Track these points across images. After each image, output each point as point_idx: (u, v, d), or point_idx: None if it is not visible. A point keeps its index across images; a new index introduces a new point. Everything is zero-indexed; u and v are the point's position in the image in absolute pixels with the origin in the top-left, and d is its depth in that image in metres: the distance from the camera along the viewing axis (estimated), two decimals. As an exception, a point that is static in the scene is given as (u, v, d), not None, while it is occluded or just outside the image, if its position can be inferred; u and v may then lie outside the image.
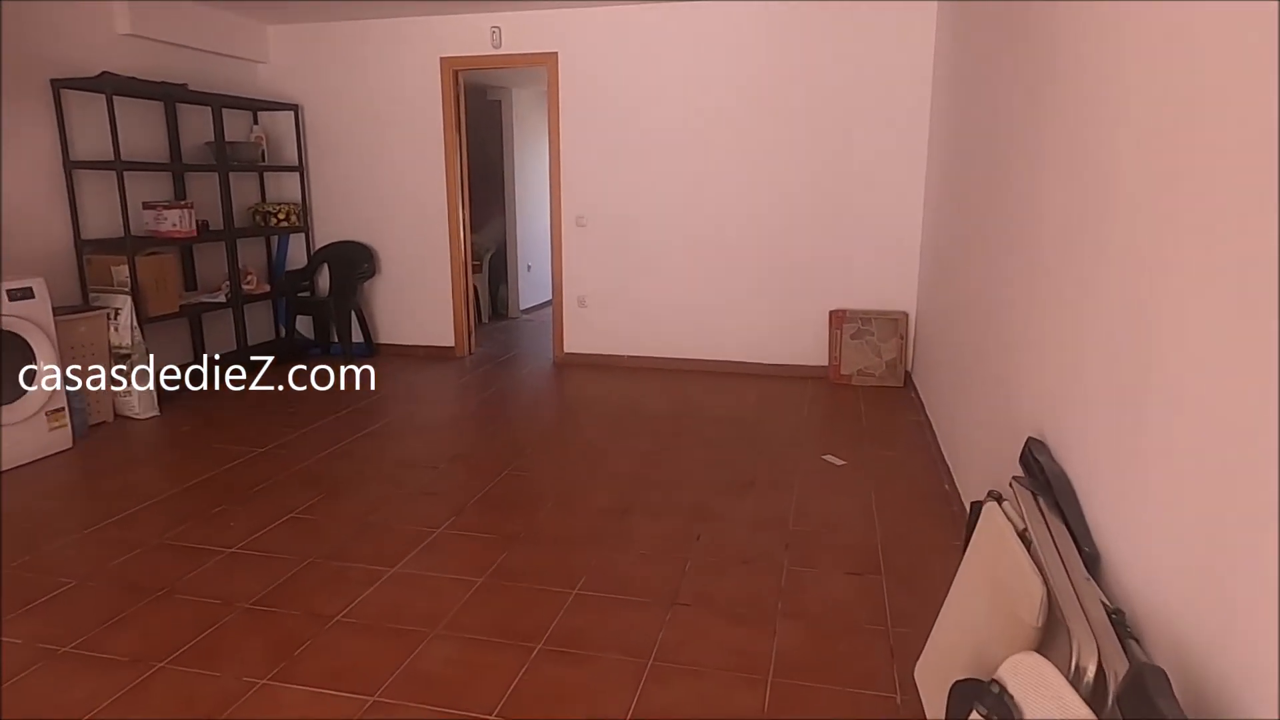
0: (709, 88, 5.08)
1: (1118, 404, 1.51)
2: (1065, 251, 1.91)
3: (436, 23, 5.40)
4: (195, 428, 4.20)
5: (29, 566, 2.68)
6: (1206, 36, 1.25)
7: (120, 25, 4.58)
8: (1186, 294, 1.25)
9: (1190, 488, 1.20)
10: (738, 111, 5.06)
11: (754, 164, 5.10)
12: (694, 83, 5.09)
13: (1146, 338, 1.39)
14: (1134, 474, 1.41)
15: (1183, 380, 1.25)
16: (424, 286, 5.82)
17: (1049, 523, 1.61)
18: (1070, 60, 1.98)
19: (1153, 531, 1.32)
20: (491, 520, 3.05)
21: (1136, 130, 1.51)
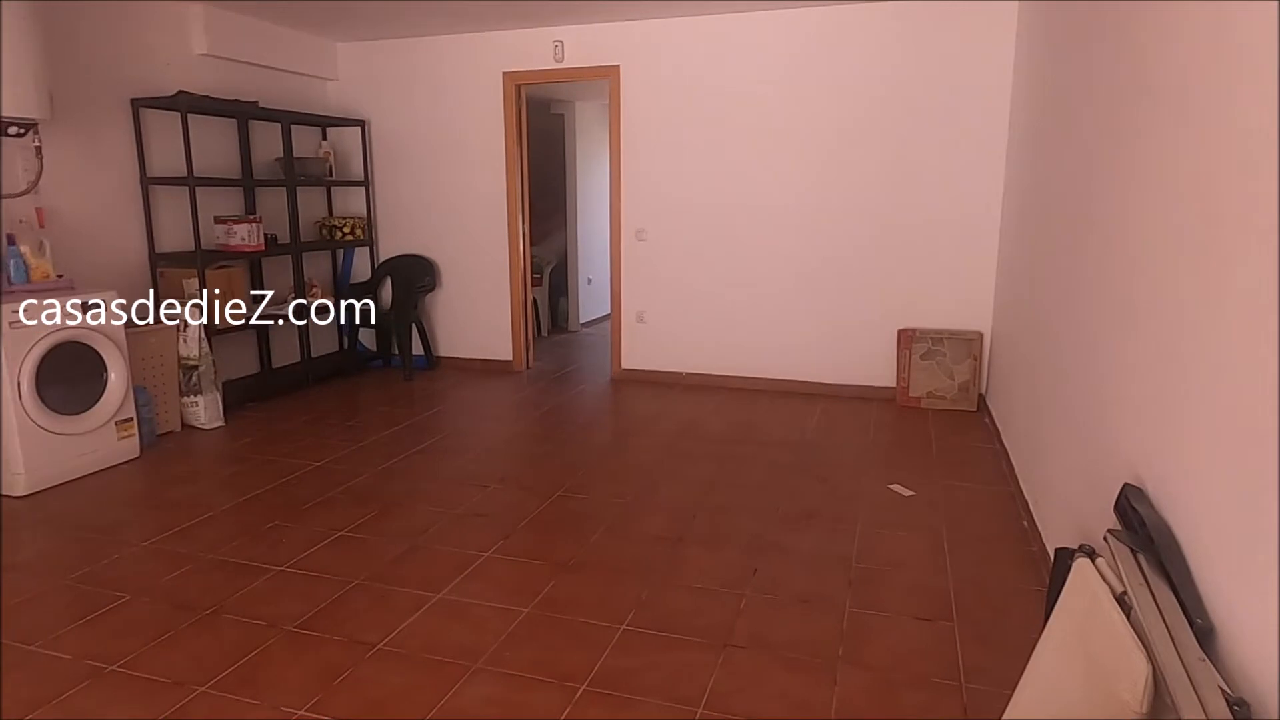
0: (772, 99, 4.94)
1: (1238, 447, 1.32)
2: (1173, 269, 1.71)
3: (500, 37, 5.40)
4: (256, 440, 4.25)
5: (88, 579, 2.71)
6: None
7: (197, 46, 4.71)
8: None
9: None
10: (802, 122, 4.90)
11: (819, 176, 4.93)
12: (757, 94, 4.96)
13: (1275, 370, 1.20)
14: (1260, 533, 1.22)
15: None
16: (483, 300, 5.82)
17: (1152, 587, 1.42)
18: (1170, 68, 1.79)
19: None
20: (540, 545, 2.96)
21: (1247, 140, 1.32)
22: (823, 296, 5.04)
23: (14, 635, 2.35)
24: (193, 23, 4.67)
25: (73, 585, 2.67)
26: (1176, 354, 1.63)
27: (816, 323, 5.09)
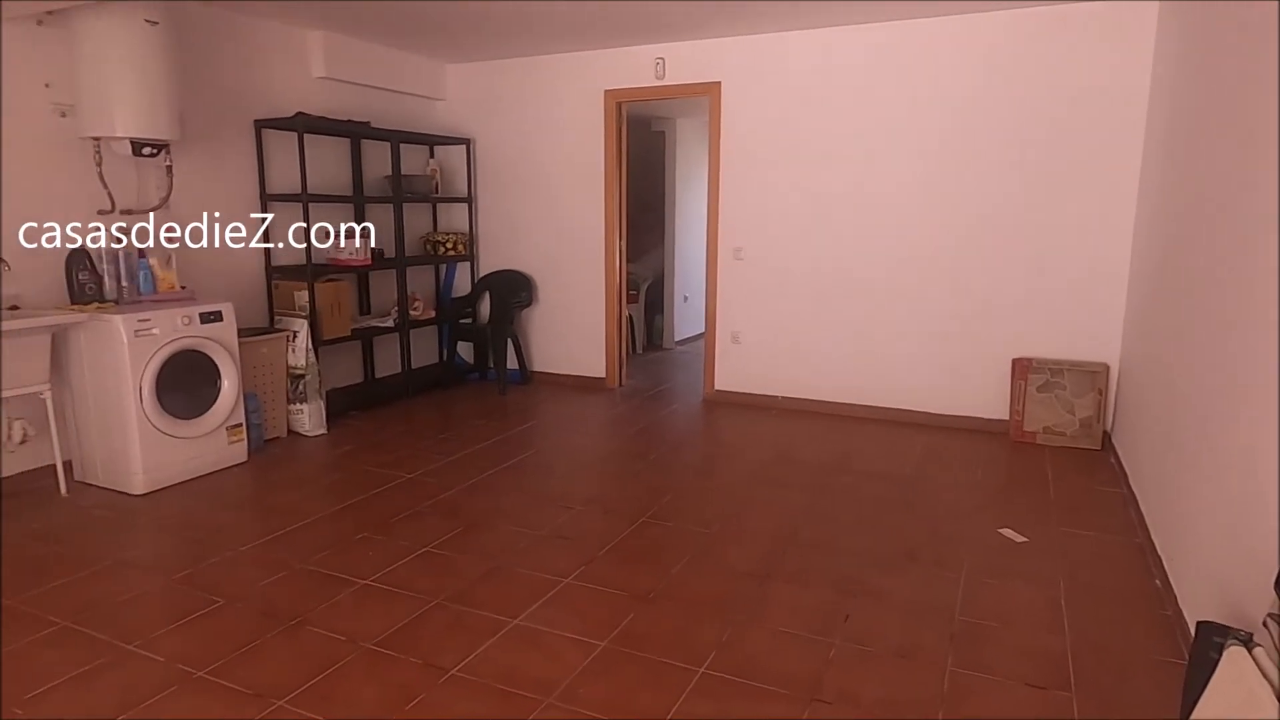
0: (878, 115, 4.72)
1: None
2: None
3: (602, 56, 5.42)
4: (355, 448, 4.37)
5: (188, 581, 2.81)
6: None
7: (316, 70, 4.94)
8: None
9: None
10: (910, 138, 4.66)
11: (927, 193, 4.67)
12: (862, 109, 4.76)
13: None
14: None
15: None
16: (578, 316, 5.83)
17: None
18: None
19: None
20: (622, 573, 2.87)
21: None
22: (931, 320, 4.77)
23: (116, 633, 2.45)
24: (313, 48, 4.90)
25: (175, 585, 2.78)
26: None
27: (923, 348, 4.81)
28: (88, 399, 3.68)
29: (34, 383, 3.48)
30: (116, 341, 3.52)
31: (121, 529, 3.29)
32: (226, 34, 4.41)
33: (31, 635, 2.44)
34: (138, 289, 3.85)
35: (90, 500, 3.59)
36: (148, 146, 3.85)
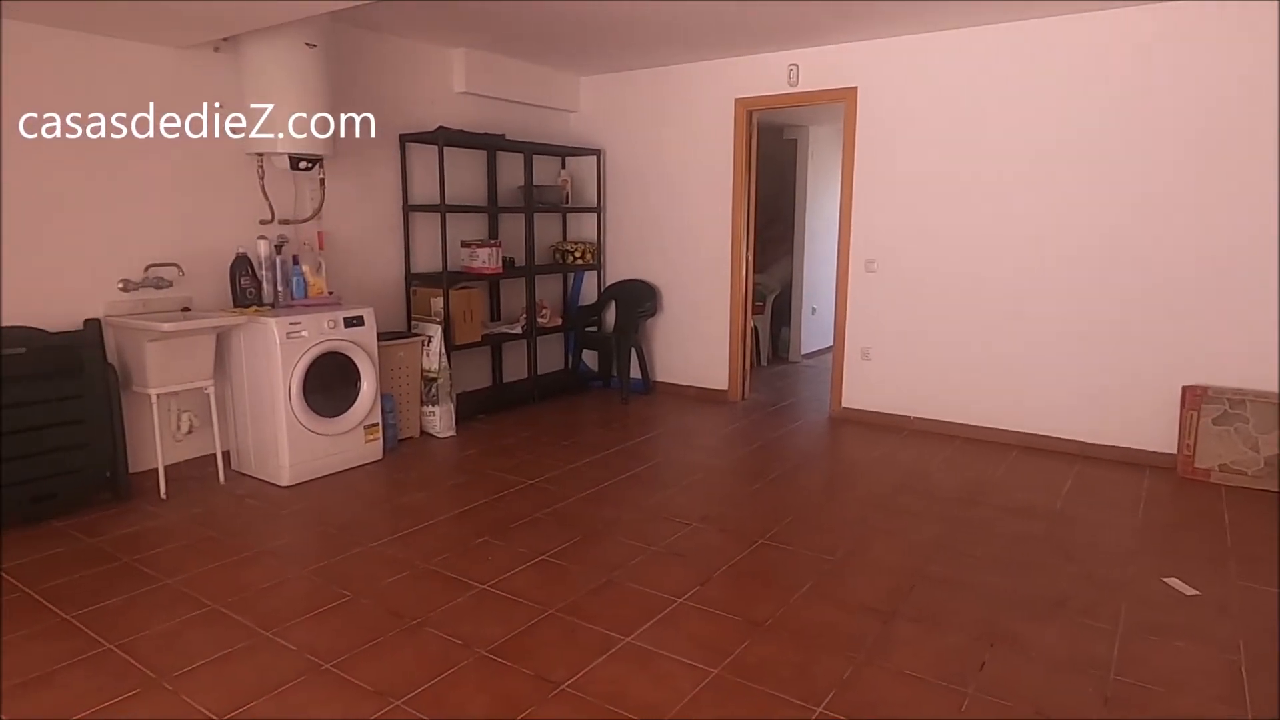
0: (1025, 120, 4.38)
1: None
2: None
3: (733, 64, 5.34)
4: (481, 451, 4.49)
5: (321, 573, 2.96)
6: None
7: (457, 85, 5.14)
8: None
9: None
10: (1062, 144, 4.29)
11: (1079, 199, 4.29)
12: (1007, 115, 4.43)
13: None
14: None
15: None
16: (702, 327, 5.76)
17: None
18: None
19: None
20: (738, 598, 2.78)
21: None
22: (1085, 340, 4.37)
23: (256, 619, 2.60)
24: (455, 64, 5.11)
25: (309, 577, 2.93)
26: None
27: (1075, 371, 4.41)
28: (244, 395, 3.97)
29: (199, 378, 3.79)
30: (270, 342, 3.78)
31: (268, 518, 3.52)
32: (376, 54, 4.67)
33: (186, 615, 2.64)
34: (291, 294, 4.12)
35: (244, 489, 3.87)
36: (304, 161, 4.12)
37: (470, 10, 4.15)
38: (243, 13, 3.23)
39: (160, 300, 3.84)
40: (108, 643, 2.45)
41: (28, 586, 2.83)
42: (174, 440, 3.90)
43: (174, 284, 3.87)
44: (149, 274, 3.79)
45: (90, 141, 3.57)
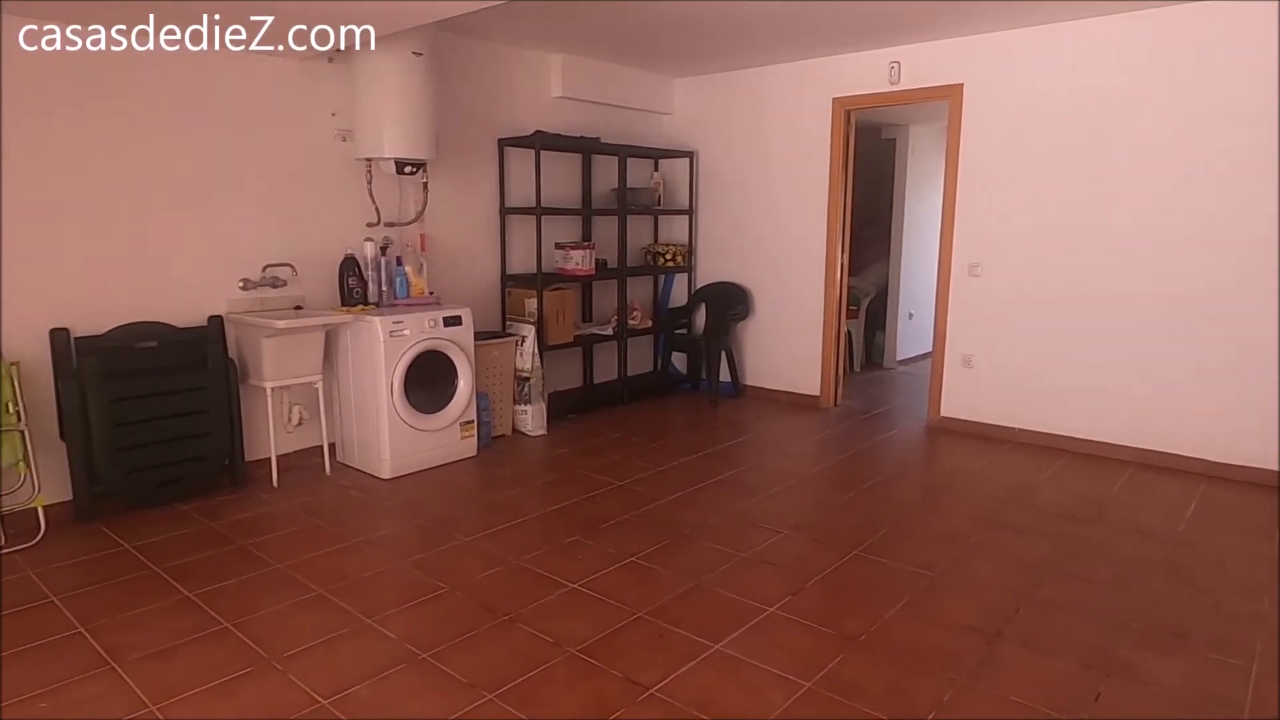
0: (1143, 118, 4.10)
1: None
2: None
3: (831, 63, 5.23)
4: (571, 451, 4.55)
5: (419, 565, 3.06)
6: None
7: (554, 90, 5.23)
8: None
9: None
10: (1185, 143, 4.00)
11: (1210, 201, 3.98)
12: (1125, 112, 4.16)
13: None
14: None
15: None
16: (794, 331, 5.66)
17: None
18: None
19: None
20: (831, 610, 2.70)
21: None
22: (1209, 350, 4.05)
23: (359, 606, 2.71)
24: (553, 70, 5.19)
25: (408, 568, 3.03)
26: None
27: (1198, 382, 4.10)
28: (350, 390, 4.15)
29: (309, 373, 3.98)
30: (375, 340, 3.93)
31: (369, 509, 3.67)
32: (478, 61, 4.80)
33: (295, 598, 2.77)
34: (394, 294, 4.28)
35: (348, 480, 4.04)
36: (409, 165, 4.27)
37: (570, 16, 4.21)
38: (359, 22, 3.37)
39: (275, 299, 4.05)
40: (225, 621, 2.60)
41: (155, 564, 3.03)
42: (285, 431, 4.11)
43: (288, 283, 4.08)
44: (266, 274, 4.01)
45: (216, 150, 3.81)
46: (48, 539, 3.24)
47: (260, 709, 2.14)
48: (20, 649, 2.44)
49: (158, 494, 3.60)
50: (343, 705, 2.16)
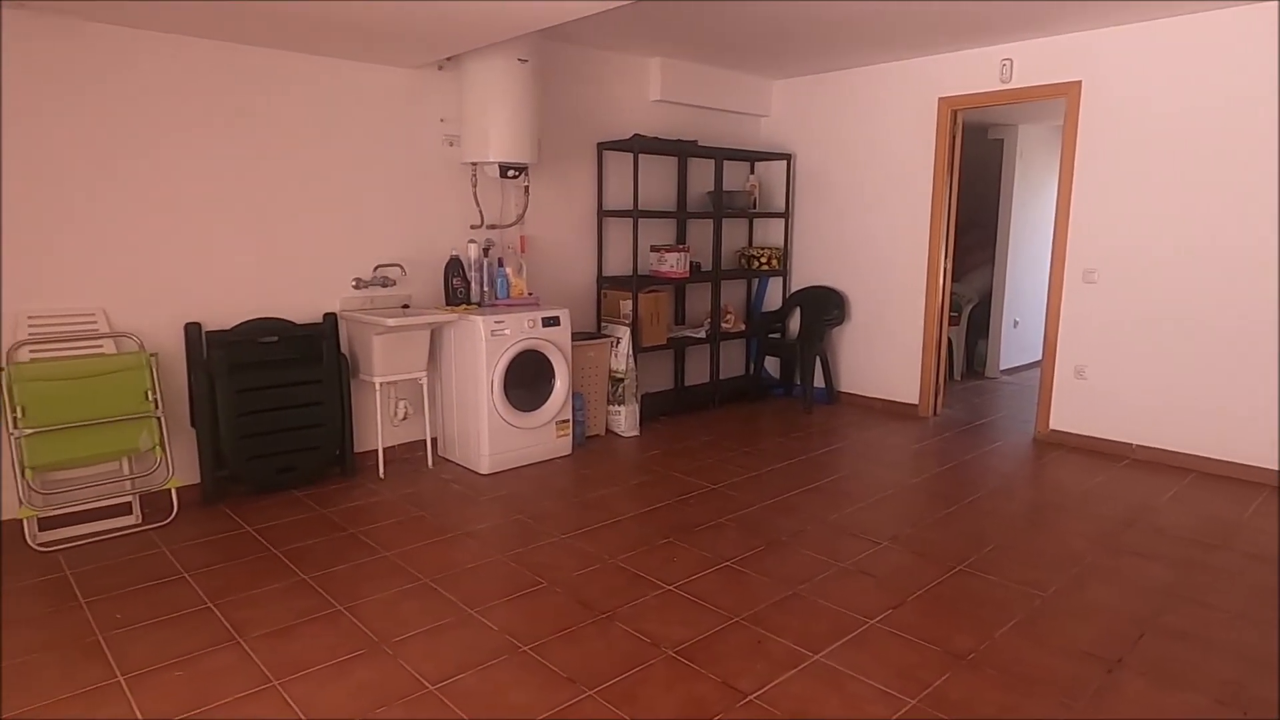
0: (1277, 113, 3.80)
1: None
2: None
3: (938, 61, 5.07)
4: (663, 453, 4.56)
5: (518, 559, 3.13)
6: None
7: (652, 93, 5.26)
8: None
9: None
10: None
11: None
12: (1260, 111, 3.85)
13: None
14: None
15: None
16: (892, 337, 5.51)
17: None
18: None
19: None
20: (935, 626, 2.62)
21: None
22: (1365, 369, 3.72)
23: (462, 596, 2.79)
24: (652, 73, 5.23)
25: (507, 562, 3.10)
26: None
27: (1351, 403, 3.78)
28: (452, 387, 4.28)
29: (415, 370, 4.13)
30: (477, 339, 4.05)
31: (469, 503, 3.77)
32: (578, 66, 4.88)
33: (402, 586, 2.88)
34: (495, 294, 4.39)
35: (448, 474, 4.17)
36: (512, 169, 4.38)
37: (671, 19, 4.23)
38: (467, 32, 3.48)
39: (384, 297, 4.22)
40: (338, 604, 2.73)
41: (274, 547, 3.21)
42: (391, 425, 4.28)
43: (397, 283, 4.25)
44: (376, 274, 4.19)
45: (335, 157, 4.00)
46: (179, 518, 3.48)
47: (373, 690, 2.24)
48: (158, 620, 2.62)
49: (275, 480, 3.81)
50: (449, 691, 2.23)
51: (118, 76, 3.36)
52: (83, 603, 2.74)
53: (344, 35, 3.48)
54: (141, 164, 3.46)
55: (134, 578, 2.94)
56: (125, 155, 3.41)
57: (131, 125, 3.41)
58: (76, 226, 3.33)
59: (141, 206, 3.48)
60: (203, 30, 3.43)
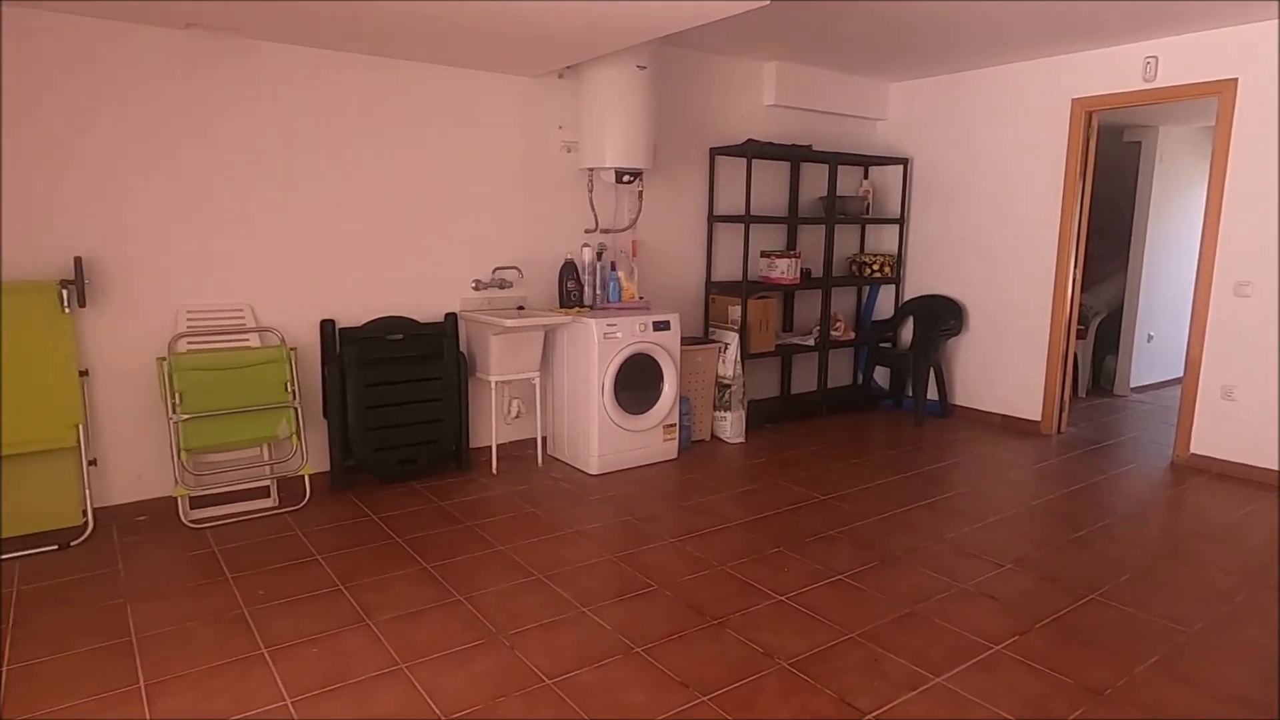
0: None
1: None
2: None
3: (1073, 60, 4.81)
4: (769, 461, 4.51)
5: (628, 560, 3.16)
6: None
7: (767, 98, 5.22)
8: None
9: None
10: None
11: None
12: None
13: None
14: None
15: None
16: (1013, 350, 5.26)
17: None
18: None
19: None
20: (1066, 657, 2.48)
21: None
22: None
23: (575, 593, 2.85)
24: (766, 78, 5.19)
25: (617, 562, 3.14)
26: None
27: None
28: (563, 387, 4.37)
29: (528, 370, 4.24)
30: (589, 341, 4.12)
31: (579, 502, 3.84)
32: (693, 71, 4.89)
33: (517, 580, 2.96)
34: (607, 297, 4.46)
35: (557, 473, 4.26)
36: (627, 175, 4.44)
37: (790, 23, 4.18)
38: (597, 39, 3.55)
39: (501, 298, 4.36)
40: (458, 594, 2.83)
41: (397, 535, 3.37)
42: (505, 423, 4.41)
43: (514, 285, 4.38)
44: (495, 275, 4.33)
45: (460, 162, 4.16)
46: (311, 503, 3.70)
47: (493, 679, 2.31)
48: (295, 598, 2.79)
49: (396, 471, 3.99)
50: (565, 686, 2.27)
51: (272, 94, 3.60)
52: (229, 577, 2.95)
53: (476, 46, 3.62)
54: (283, 175, 3.69)
55: (273, 557, 3.14)
56: (271, 167, 3.66)
57: (276, 140, 3.65)
58: (230, 231, 3.60)
59: (284, 213, 3.72)
60: (340, 44, 3.63)
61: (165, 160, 3.41)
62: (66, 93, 3.19)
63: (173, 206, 3.45)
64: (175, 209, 3.46)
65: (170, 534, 3.35)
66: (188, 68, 3.41)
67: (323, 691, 2.24)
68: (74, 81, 3.20)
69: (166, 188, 3.43)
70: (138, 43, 3.30)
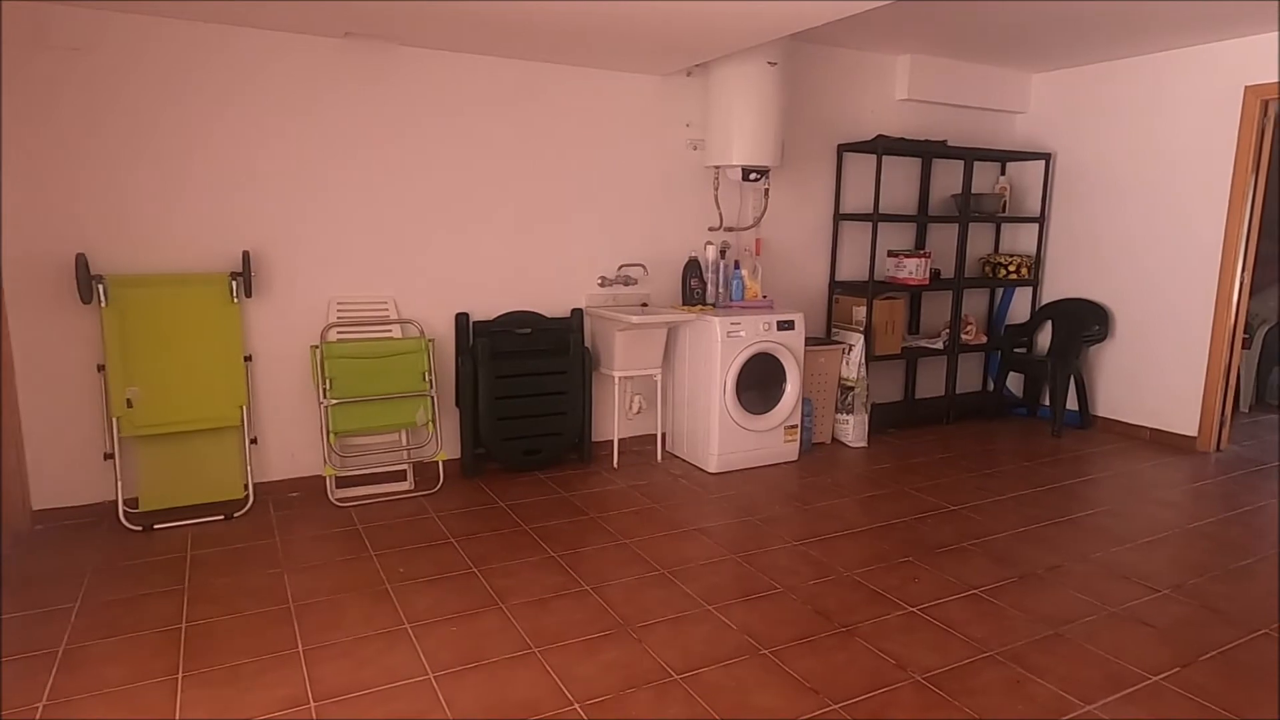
0: None
1: None
2: None
3: (1247, 45, 4.40)
4: (893, 468, 4.37)
5: (751, 561, 3.14)
6: None
7: (899, 92, 5.05)
8: None
9: None
10: None
11: None
12: None
13: None
14: None
15: None
16: (1166, 359, 4.88)
17: None
18: None
19: None
20: (1236, 694, 2.28)
21: None
22: None
23: (699, 591, 2.85)
24: (899, 72, 5.02)
25: (740, 562, 3.12)
26: None
27: None
28: (684, 385, 4.39)
29: (650, 366, 4.28)
30: (712, 339, 4.11)
31: (698, 500, 3.84)
32: (822, 66, 4.79)
33: (641, 574, 3.00)
34: (730, 296, 4.44)
35: (676, 470, 4.28)
36: (754, 172, 4.40)
37: (927, 15, 4.03)
38: (729, 37, 3.53)
39: (626, 295, 4.42)
40: (585, 584, 2.89)
41: (525, 523, 3.48)
42: (626, 418, 4.47)
43: (638, 282, 4.43)
44: (620, 272, 4.39)
45: (588, 161, 4.25)
46: (444, 488, 3.87)
47: (622, 670, 2.35)
48: (432, 578, 2.93)
49: (522, 461, 4.12)
50: (694, 683, 2.28)
51: (417, 99, 3.79)
52: (372, 554, 3.13)
53: (608, 46, 3.68)
54: (424, 177, 3.88)
55: (411, 537, 3.31)
56: (412, 170, 3.85)
57: (418, 144, 3.84)
58: (376, 229, 3.81)
59: (424, 211, 3.90)
60: (482, 48, 3.77)
61: (322, 164, 3.65)
62: (240, 105, 3.46)
63: (328, 207, 3.69)
64: (329, 209, 3.70)
65: (318, 510, 3.59)
66: (343, 76, 3.63)
67: (463, 668, 2.34)
68: (249, 95, 3.47)
69: (322, 189, 3.67)
70: (298, 52, 3.54)
